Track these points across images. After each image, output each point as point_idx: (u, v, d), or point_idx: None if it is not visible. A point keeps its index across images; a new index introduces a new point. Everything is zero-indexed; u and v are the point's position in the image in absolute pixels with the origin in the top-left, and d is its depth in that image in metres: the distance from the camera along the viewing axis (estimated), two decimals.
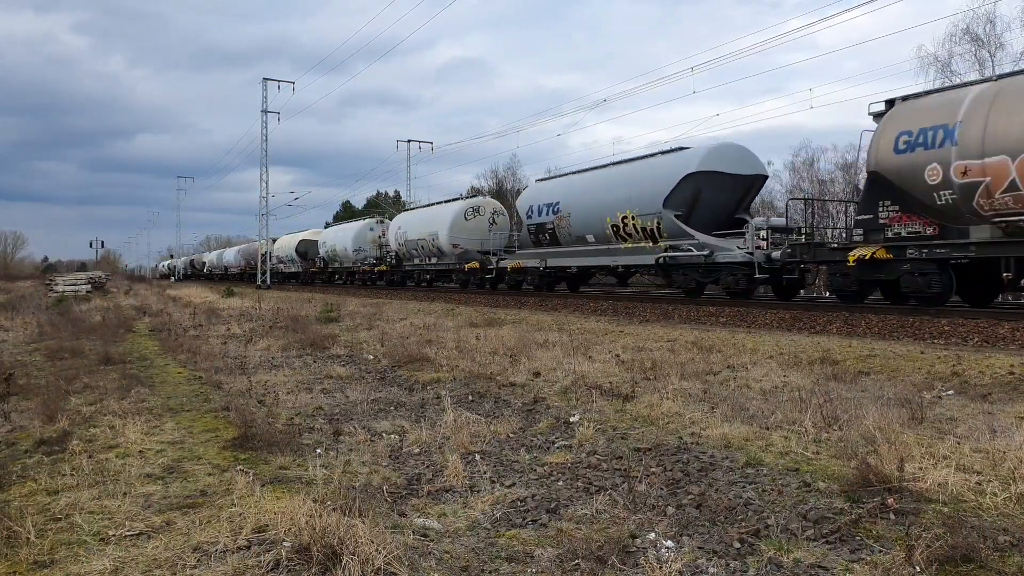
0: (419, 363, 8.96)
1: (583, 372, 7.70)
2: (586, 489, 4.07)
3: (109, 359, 9.42)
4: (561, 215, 24.22)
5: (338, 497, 3.65)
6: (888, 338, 10.78)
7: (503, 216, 31.58)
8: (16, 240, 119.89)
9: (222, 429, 5.53)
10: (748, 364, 8.27)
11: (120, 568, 3.02)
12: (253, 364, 9.31)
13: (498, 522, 3.62)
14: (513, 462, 4.66)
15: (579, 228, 23.45)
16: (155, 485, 4.14)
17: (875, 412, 5.16)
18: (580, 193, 23.74)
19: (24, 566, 3.06)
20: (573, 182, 24.89)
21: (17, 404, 6.44)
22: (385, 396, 7.01)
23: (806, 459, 4.46)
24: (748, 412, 5.77)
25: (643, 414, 5.82)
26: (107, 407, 6.26)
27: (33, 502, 3.85)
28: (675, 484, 4.10)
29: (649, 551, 3.13)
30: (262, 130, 48.85)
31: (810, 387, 6.55)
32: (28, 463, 4.61)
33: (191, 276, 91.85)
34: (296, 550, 3.05)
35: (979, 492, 3.68)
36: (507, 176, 61.80)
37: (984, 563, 2.91)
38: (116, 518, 3.58)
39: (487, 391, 7.19)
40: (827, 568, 2.98)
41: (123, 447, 4.95)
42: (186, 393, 7.21)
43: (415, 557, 3.10)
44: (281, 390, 7.34)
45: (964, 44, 31.34)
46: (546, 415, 6.00)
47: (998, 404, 5.93)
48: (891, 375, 7.49)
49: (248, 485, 3.91)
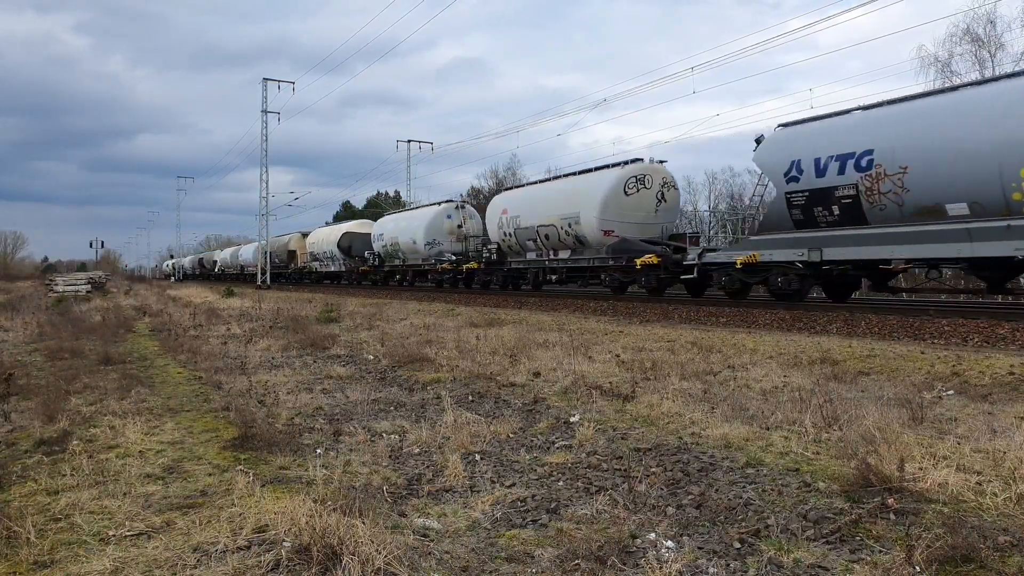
0: (419, 363, 8.96)
1: (583, 372, 7.70)
2: (586, 489, 4.07)
3: (109, 359, 9.42)
4: (887, 170, 13.85)
5: (338, 497, 3.65)
6: (888, 338, 10.78)
7: (674, 190, 22.16)
8: (16, 240, 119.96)
9: (222, 429, 5.53)
10: (748, 364, 8.27)
11: (120, 568, 3.02)
12: (253, 364, 9.31)
13: (498, 522, 3.62)
14: (513, 462, 4.66)
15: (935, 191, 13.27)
16: (155, 485, 4.14)
17: (875, 412, 5.16)
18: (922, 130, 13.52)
19: (24, 566, 3.06)
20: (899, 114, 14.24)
21: (17, 404, 6.44)
22: (385, 396, 7.01)
23: (806, 459, 4.46)
24: (748, 412, 5.77)
25: (643, 414, 5.82)
26: (107, 407, 6.26)
27: (33, 502, 3.85)
28: (675, 484, 4.10)
29: (649, 551, 3.13)
30: (262, 130, 48.85)
31: (810, 387, 6.55)
32: (28, 463, 4.61)
33: (199, 276, 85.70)
34: (296, 550, 3.05)
35: (979, 492, 3.68)
36: (507, 176, 61.85)
37: (984, 563, 2.91)
38: (116, 518, 3.58)
39: (487, 391, 7.19)
40: (827, 568, 2.98)
41: (123, 447, 4.95)
42: (186, 393, 7.21)
43: (415, 557, 3.10)
44: (281, 390, 7.34)
45: (964, 44, 31.35)
46: (546, 415, 6.00)
47: (998, 404, 5.93)
48: (891, 375, 7.49)
49: (248, 485, 3.91)
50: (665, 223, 21.78)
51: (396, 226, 37.10)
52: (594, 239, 22.01)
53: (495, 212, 27.81)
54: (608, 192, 21.44)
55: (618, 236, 21.37)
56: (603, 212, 21.47)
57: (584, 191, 22.53)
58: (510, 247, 26.93)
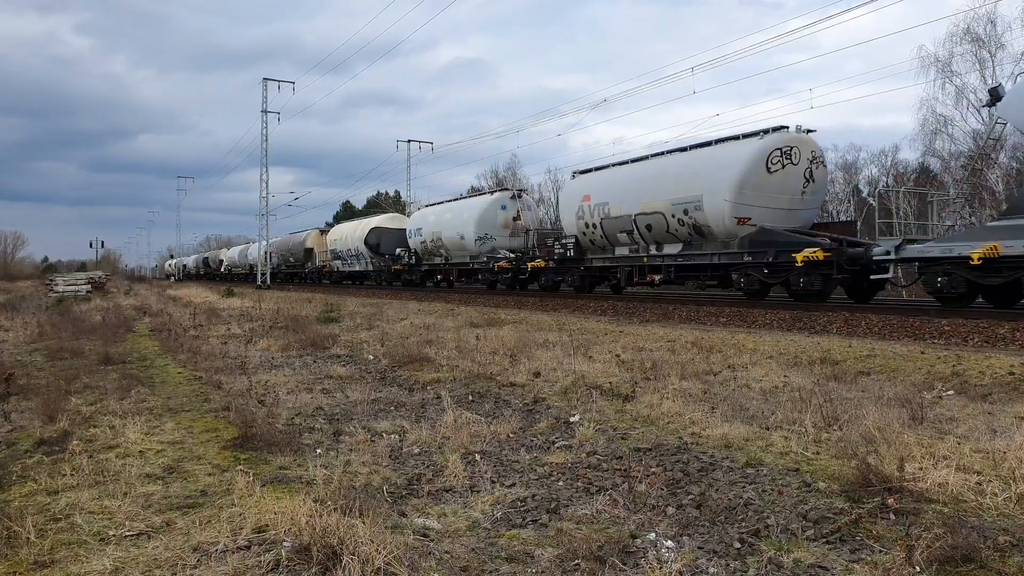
0: (419, 363, 8.96)
1: (583, 372, 7.70)
2: (586, 489, 4.07)
3: (109, 359, 9.42)
4: None
5: (338, 497, 3.65)
6: (888, 338, 10.78)
7: (823, 167, 17.66)
8: (16, 240, 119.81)
9: (222, 429, 5.53)
10: (748, 364, 8.27)
11: (120, 568, 3.02)
12: (253, 364, 9.31)
13: (498, 522, 3.62)
14: (513, 462, 4.66)
15: None
16: (155, 485, 4.14)
17: (875, 412, 5.16)
18: None
19: (24, 566, 3.06)
20: None
21: (17, 404, 6.44)
22: (385, 396, 7.01)
23: (806, 459, 4.46)
24: (748, 412, 5.78)
25: (643, 414, 5.82)
26: (107, 407, 6.27)
27: (33, 502, 3.85)
28: (675, 484, 4.10)
29: (649, 551, 3.13)
30: (262, 130, 48.84)
31: (810, 387, 6.55)
32: (28, 463, 4.61)
33: (204, 276, 79.62)
34: (296, 550, 3.05)
35: (979, 492, 3.68)
36: (507, 176, 61.83)
37: (984, 563, 2.91)
38: (116, 518, 3.58)
39: (487, 391, 7.19)
40: (827, 568, 2.98)
41: (123, 447, 4.95)
42: (186, 393, 7.21)
43: (415, 557, 3.10)
44: (281, 390, 7.34)
45: (965, 44, 31.30)
46: (546, 415, 6.00)
47: (998, 404, 5.93)
48: (891, 375, 7.49)
49: (248, 485, 3.91)
50: (811, 208, 17.56)
51: (439, 219, 31.84)
52: (722, 229, 17.21)
53: (572, 198, 22.62)
54: (746, 169, 16.59)
55: (755, 225, 16.67)
56: (739, 194, 16.56)
57: (709, 169, 17.60)
58: (593, 241, 21.78)
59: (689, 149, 19.08)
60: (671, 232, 18.82)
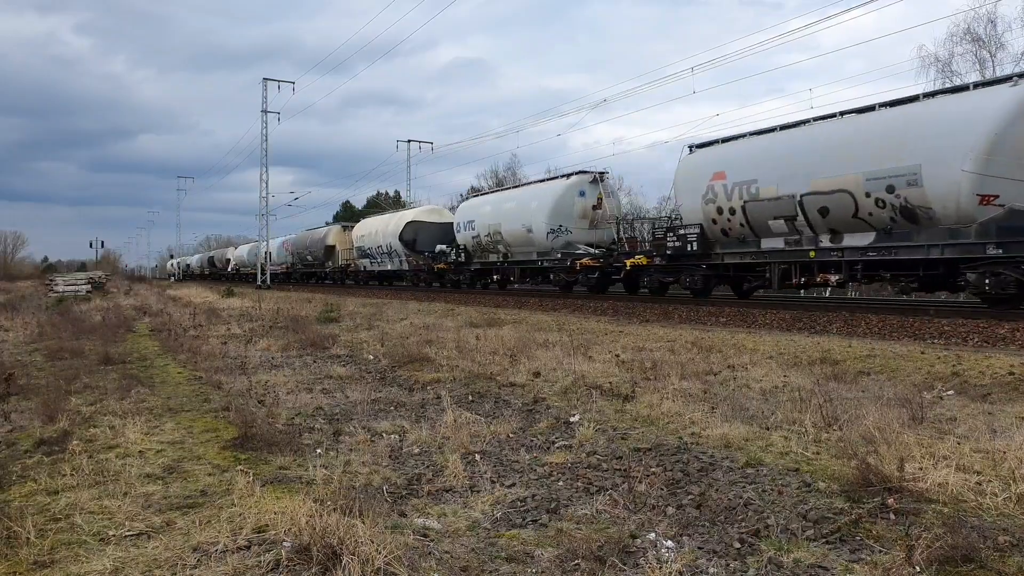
0: (419, 363, 8.97)
1: (583, 372, 7.70)
2: (586, 489, 4.08)
3: (109, 359, 9.42)
4: None
5: (338, 497, 3.65)
6: (888, 338, 10.78)
7: None
8: (16, 240, 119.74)
9: (222, 429, 5.53)
10: (748, 364, 8.27)
11: (120, 568, 3.02)
12: (253, 364, 9.31)
13: (498, 522, 3.62)
14: (513, 462, 4.66)
15: None
16: (155, 485, 4.14)
17: (875, 412, 5.16)
18: None
19: (24, 566, 3.06)
20: None
21: (17, 404, 6.44)
22: (385, 396, 7.01)
23: (806, 459, 4.46)
24: (748, 412, 5.78)
25: (643, 414, 5.82)
26: (107, 407, 6.27)
27: (33, 502, 3.85)
28: (675, 484, 4.10)
29: (649, 551, 3.13)
30: (262, 130, 48.83)
31: (810, 387, 6.54)
32: (28, 463, 4.61)
33: (209, 276, 75.89)
34: (296, 550, 3.05)
35: (979, 492, 3.68)
36: (507, 176, 61.82)
37: (984, 563, 2.91)
38: (116, 518, 3.58)
39: (487, 391, 7.19)
40: (827, 568, 2.98)
41: (123, 447, 4.95)
42: (186, 393, 7.21)
43: (415, 557, 3.10)
44: (281, 390, 7.34)
45: (965, 44, 31.29)
46: (546, 415, 6.00)
47: (998, 404, 5.93)
48: (891, 375, 7.49)
49: (248, 485, 3.91)
50: None
51: (496, 210, 26.71)
52: (952, 211, 12.42)
53: (696, 177, 17.87)
54: (1000, 128, 11.74)
55: (1004, 205, 11.93)
56: (987, 163, 11.80)
57: (934, 129, 12.65)
58: (726, 230, 17.08)
59: (897, 104, 13.90)
60: (860, 217, 13.95)
